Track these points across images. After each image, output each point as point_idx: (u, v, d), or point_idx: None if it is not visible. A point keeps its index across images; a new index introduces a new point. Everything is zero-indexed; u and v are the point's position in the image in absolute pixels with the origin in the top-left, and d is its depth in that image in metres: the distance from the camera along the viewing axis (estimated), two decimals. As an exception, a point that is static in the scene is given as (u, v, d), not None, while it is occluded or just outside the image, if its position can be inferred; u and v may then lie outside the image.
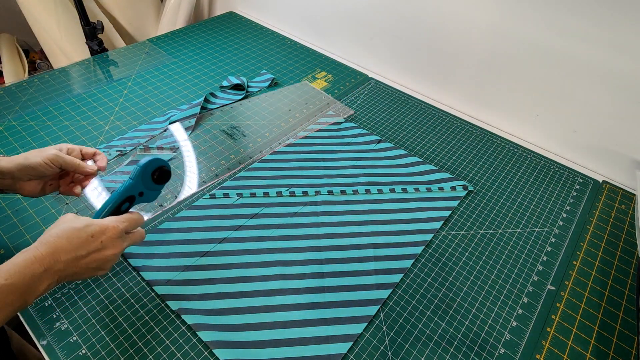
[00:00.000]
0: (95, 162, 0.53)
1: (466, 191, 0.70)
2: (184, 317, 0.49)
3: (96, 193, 0.63)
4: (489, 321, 0.53)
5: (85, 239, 0.39)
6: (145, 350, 0.47)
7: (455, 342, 0.50)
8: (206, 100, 0.85)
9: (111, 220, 0.42)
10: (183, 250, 0.57)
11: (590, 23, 0.67)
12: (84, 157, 0.53)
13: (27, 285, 0.35)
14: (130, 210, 0.46)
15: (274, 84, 0.93)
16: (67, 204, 0.61)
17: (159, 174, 0.46)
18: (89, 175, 0.53)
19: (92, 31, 1.01)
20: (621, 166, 0.75)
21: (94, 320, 0.49)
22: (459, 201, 0.68)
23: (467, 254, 0.60)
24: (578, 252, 0.62)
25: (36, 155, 0.47)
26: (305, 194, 0.67)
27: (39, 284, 0.36)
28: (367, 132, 0.81)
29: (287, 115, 0.84)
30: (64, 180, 0.52)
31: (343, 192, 0.68)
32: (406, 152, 0.76)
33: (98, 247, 0.40)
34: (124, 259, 0.55)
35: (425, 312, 0.53)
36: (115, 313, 0.50)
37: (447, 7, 0.82)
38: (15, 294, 0.35)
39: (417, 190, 0.69)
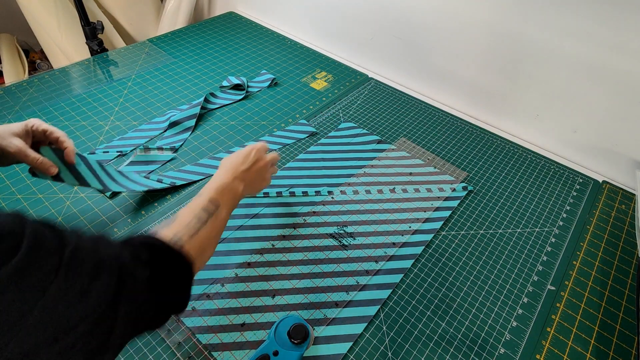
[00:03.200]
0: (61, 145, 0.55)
1: (466, 191, 0.70)
2: (183, 319, 0.49)
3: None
4: (489, 321, 0.53)
5: (244, 156, 0.53)
6: (145, 350, 0.47)
7: (456, 342, 0.50)
8: (206, 100, 0.85)
9: (251, 145, 0.56)
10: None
11: (591, 23, 0.67)
12: (49, 140, 0.54)
13: (232, 187, 0.49)
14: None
15: (273, 84, 0.93)
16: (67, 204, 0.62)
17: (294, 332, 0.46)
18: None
19: (92, 31, 1.01)
20: (621, 166, 0.75)
21: (94, 321, 0.49)
22: (459, 201, 0.68)
23: (467, 254, 0.60)
24: (578, 252, 0.62)
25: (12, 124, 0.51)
26: (305, 194, 0.67)
27: (237, 186, 0.50)
28: (367, 132, 0.81)
29: (287, 115, 0.84)
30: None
31: (343, 192, 0.68)
32: (407, 153, 0.76)
33: (254, 160, 0.54)
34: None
35: (426, 312, 0.53)
36: (116, 313, 0.50)
37: (447, 7, 0.82)
38: (229, 192, 0.48)
39: (417, 190, 0.69)
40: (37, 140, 0.53)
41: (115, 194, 0.64)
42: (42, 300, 0.25)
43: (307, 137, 0.78)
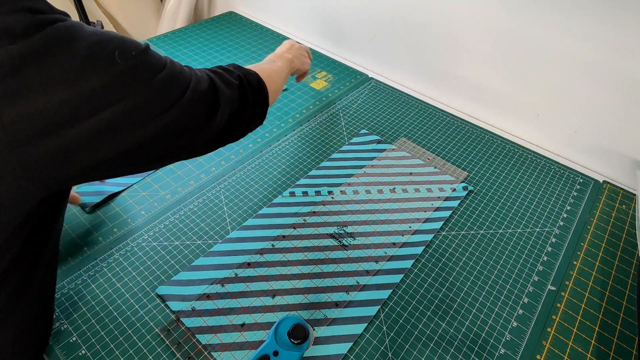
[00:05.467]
0: None
1: (466, 191, 0.70)
2: (183, 319, 0.49)
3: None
4: (490, 321, 0.53)
5: (284, 44, 0.71)
6: (145, 350, 0.47)
7: (456, 343, 0.50)
8: None
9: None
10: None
11: (592, 23, 0.66)
12: None
13: (283, 56, 0.65)
14: None
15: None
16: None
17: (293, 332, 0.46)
18: None
19: (92, 31, 1.01)
20: (622, 166, 0.75)
21: (93, 321, 0.49)
22: (459, 201, 0.68)
23: (467, 254, 0.60)
24: (578, 252, 0.62)
25: None
26: (305, 194, 0.67)
27: (287, 54, 0.67)
28: (367, 132, 0.81)
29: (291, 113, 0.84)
30: None
31: (343, 192, 0.68)
32: (407, 153, 0.76)
33: (292, 44, 0.71)
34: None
35: (426, 312, 0.53)
36: (115, 313, 0.50)
37: (447, 7, 0.82)
38: (282, 57, 0.65)
39: (417, 190, 0.69)
40: None
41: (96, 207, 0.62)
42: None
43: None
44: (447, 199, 0.68)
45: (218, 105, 0.41)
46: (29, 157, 0.29)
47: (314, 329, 0.49)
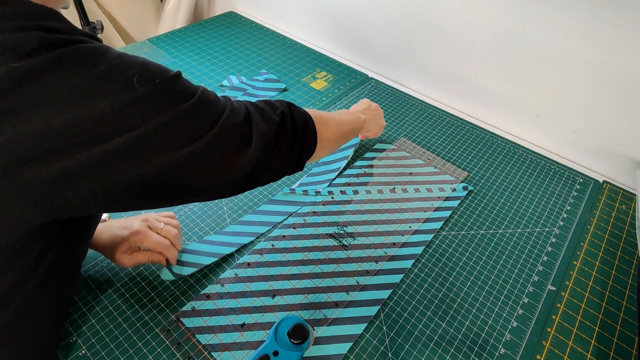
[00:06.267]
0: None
1: (466, 191, 0.70)
2: (183, 319, 0.49)
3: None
4: (490, 321, 0.53)
5: (365, 102, 0.69)
6: (145, 350, 0.47)
7: (456, 343, 0.50)
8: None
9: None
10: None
11: (592, 23, 0.66)
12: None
13: (358, 115, 0.61)
14: None
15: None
16: None
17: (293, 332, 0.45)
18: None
19: (91, 31, 1.01)
20: (622, 166, 0.75)
21: (93, 321, 0.49)
22: (459, 201, 0.68)
23: (467, 254, 0.60)
24: (578, 252, 0.62)
25: (122, 229, 0.50)
26: (305, 193, 0.67)
27: (360, 115, 0.62)
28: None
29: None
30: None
31: (343, 192, 0.68)
32: (407, 153, 0.76)
33: (373, 106, 0.69)
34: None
35: (426, 312, 0.53)
36: (115, 313, 0.50)
37: (447, 7, 0.82)
38: (354, 114, 0.61)
39: (417, 190, 0.69)
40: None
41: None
42: None
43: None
44: (447, 199, 0.68)
45: (250, 141, 0.37)
46: (25, 180, 0.27)
47: (314, 329, 0.49)
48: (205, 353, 0.46)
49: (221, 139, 0.34)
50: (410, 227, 0.63)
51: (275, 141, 0.40)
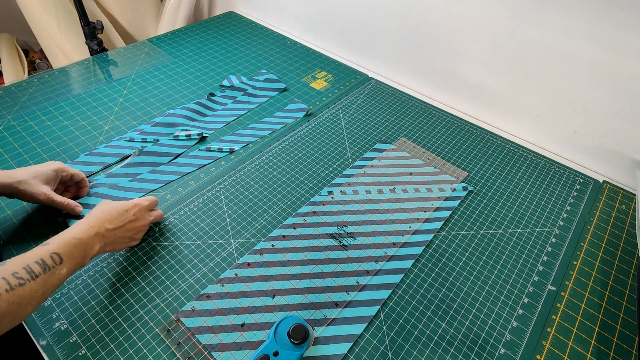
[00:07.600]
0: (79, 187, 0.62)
1: (466, 191, 0.70)
2: (183, 319, 0.49)
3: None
4: (490, 321, 0.53)
5: (121, 212, 0.51)
6: (145, 350, 0.47)
7: (456, 343, 0.50)
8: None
9: (137, 199, 0.55)
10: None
11: (592, 23, 0.66)
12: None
13: (87, 244, 0.45)
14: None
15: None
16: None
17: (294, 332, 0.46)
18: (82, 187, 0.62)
19: (91, 31, 1.01)
20: (621, 166, 0.75)
21: (93, 321, 0.49)
22: (459, 201, 0.68)
23: (467, 254, 0.60)
24: (578, 252, 0.62)
25: (44, 166, 0.56)
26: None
27: (94, 245, 0.45)
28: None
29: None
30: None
31: (343, 192, 0.68)
32: (407, 153, 0.76)
33: (131, 219, 0.51)
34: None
35: (426, 312, 0.53)
36: (115, 313, 0.50)
37: (447, 7, 0.82)
38: (80, 249, 0.44)
39: (417, 190, 0.69)
40: (63, 181, 0.59)
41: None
42: None
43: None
44: (447, 199, 0.68)
45: None
46: None
47: (314, 329, 0.49)
48: (205, 353, 0.46)
49: None
50: (410, 227, 0.63)
51: None
